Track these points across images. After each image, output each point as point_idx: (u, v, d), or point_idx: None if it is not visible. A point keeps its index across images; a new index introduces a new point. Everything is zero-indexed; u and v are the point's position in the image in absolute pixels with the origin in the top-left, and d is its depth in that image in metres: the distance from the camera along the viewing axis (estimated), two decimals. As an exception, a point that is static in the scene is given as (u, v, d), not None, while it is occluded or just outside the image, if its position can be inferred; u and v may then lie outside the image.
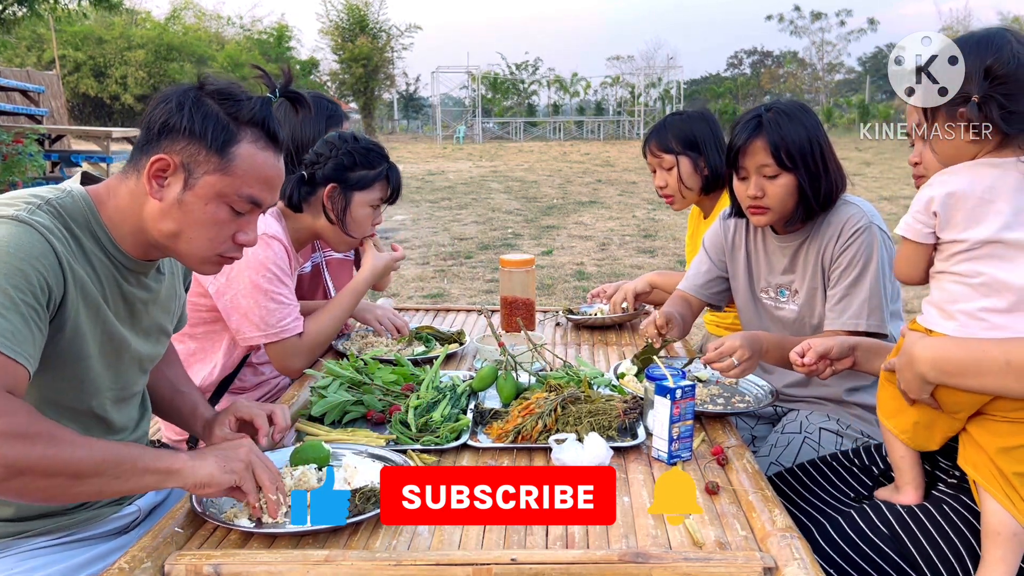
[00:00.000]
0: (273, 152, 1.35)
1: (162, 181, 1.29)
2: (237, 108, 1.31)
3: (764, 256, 2.06)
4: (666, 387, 1.47)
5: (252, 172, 1.31)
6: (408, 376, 1.84)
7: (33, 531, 1.34)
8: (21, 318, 1.13)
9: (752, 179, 1.88)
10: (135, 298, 1.40)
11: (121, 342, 1.37)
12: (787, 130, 1.84)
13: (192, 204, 1.29)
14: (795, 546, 1.16)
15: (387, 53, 39.28)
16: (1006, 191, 1.31)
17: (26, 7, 15.09)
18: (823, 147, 1.87)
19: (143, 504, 1.51)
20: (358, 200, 2.04)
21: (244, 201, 1.32)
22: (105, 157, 10.80)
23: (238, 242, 1.36)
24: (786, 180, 1.85)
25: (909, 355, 1.36)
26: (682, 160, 2.49)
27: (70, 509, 1.38)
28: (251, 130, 1.31)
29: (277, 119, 1.36)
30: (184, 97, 1.29)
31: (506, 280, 2.33)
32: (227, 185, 1.29)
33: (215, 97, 1.31)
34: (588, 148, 27.26)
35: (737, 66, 55.54)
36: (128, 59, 31.79)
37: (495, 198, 12.63)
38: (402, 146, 28.83)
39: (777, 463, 1.92)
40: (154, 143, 1.29)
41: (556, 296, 6.15)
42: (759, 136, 1.84)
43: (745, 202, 1.92)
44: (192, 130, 1.27)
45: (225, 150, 1.28)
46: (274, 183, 1.36)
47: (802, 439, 1.95)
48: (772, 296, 2.06)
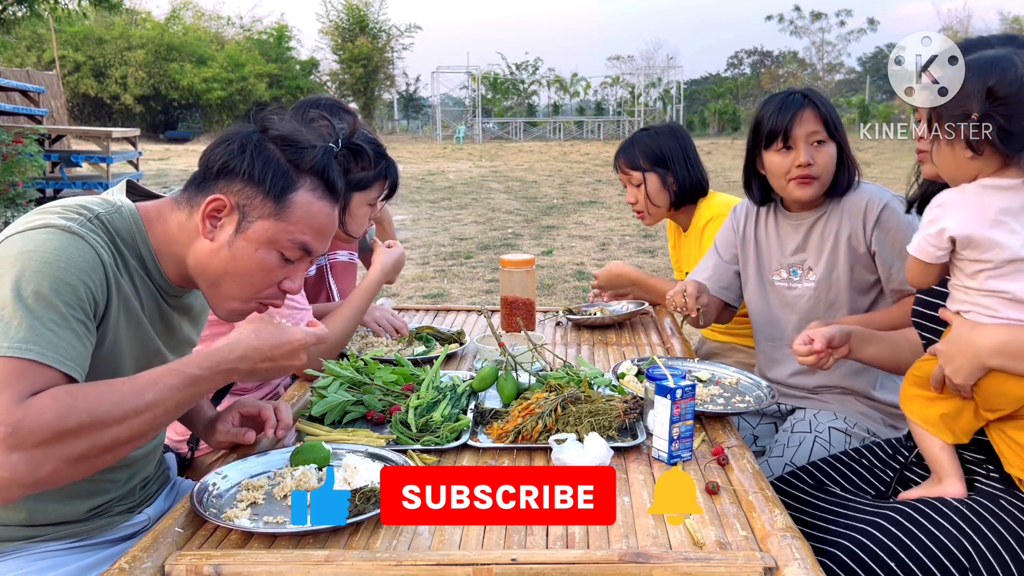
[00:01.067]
0: (330, 202, 1.35)
1: (216, 221, 1.29)
2: (299, 156, 1.30)
3: (776, 238, 2.12)
4: (666, 387, 1.47)
5: (307, 220, 1.31)
6: (408, 376, 1.84)
7: (45, 536, 1.34)
8: (72, 333, 1.14)
9: (802, 147, 1.96)
10: (172, 316, 1.41)
11: (156, 355, 1.38)
12: (827, 102, 2.00)
13: (243, 248, 1.29)
14: (795, 546, 1.15)
15: (387, 53, 39.32)
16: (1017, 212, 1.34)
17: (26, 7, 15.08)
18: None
19: (152, 512, 1.51)
20: (357, 200, 2.04)
21: (296, 248, 1.32)
22: (105, 157, 10.80)
23: (283, 288, 1.36)
24: (831, 149, 1.97)
25: (966, 341, 1.37)
26: (649, 176, 2.54)
27: (84, 518, 1.38)
28: (311, 179, 1.31)
29: (337, 169, 1.36)
30: (247, 140, 1.29)
31: (506, 280, 2.33)
32: (280, 231, 1.29)
33: (278, 143, 1.30)
34: (588, 148, 27.26)
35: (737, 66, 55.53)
36: (128, 59, 31.81)
37: (495, 198, 12.63)
38: (402, 146, 28.84)
39: (792, 464, 1.92)
40: (211, 182, 1.29)
41: (556, 296, 6.15)
42: (808, 106, 1.96)
43: (792, 173, 1.98)
44: (251, 174, 1.27)
45: (283, 197, 1.28)
46: (327, 233, 1.36)
47: (813, 438, 1.96)
48: (784, 277, 2.11)
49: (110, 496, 1.40)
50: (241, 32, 40.48)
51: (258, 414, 1.53)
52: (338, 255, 2.42)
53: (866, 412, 2.02)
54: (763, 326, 2.19)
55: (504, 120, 39.21)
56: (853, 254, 1.99)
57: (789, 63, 50.37)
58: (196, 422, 1.60)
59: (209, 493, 1.32)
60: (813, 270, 2.05)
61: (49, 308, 1.12)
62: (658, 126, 2.63)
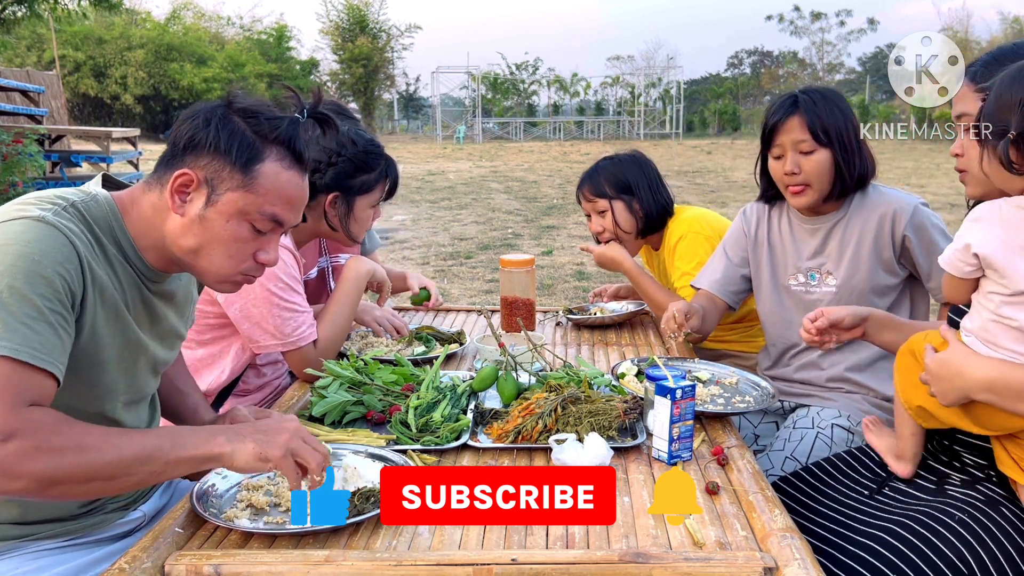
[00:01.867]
0: (298, 172, 1.34)
1: (185, 196, 1.28)
2: (264, 126, 1.30)
3: (791, 242, 2.10)
4: (666, 387, 1.47)
5: (275, 191, 1.30)
6: (408, 376, 1.84)
7: (39, 534, 1.34)
8: (49, 327, 1.14)
9: (788, 156, 1.94)
10: (155, 303, 1.40)
11: (138, 347, 1.37)
12: (822, 108, 1.92)
13: (214, 220, 1.28)
14: (795, 546, 1.16)
15: (387, 53, 39.34)
16: None
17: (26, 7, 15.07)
18: (856, 129, 1.94)
19: (147, 509, 1.51)
20: (360, 204, 2.04)
21: (266, 219, 1.31)
22: (105, 157, 10.79)
23: (259, 261, 1.35)
24: (822, 156, 1.92)
25: (957, 370, 1.31)
26: (615, 204, 2.54)
27: (77, 514, 1.38)
28: (277, 148, 1.31)
29: (304, 139, 1.35)
30: (211, 114, 1.29)
31: (506, 280, 2.33)
32: (249, 203, 1.29)
33: (242, 115, 1.30)
34: (588, 148, 27.25)
35: (737, 66, 55.58)
36: (128, 59, 31.79)
37: (495, 198, 12.63)
38: (402, 146, 28.83)
39: (793, 458, 1.91)
40: (179, 158, 1.29)
41: (556, 296, 6.15)
42: (795, 113, 1.92)
43: (783, 181, 1.97)
44: (217, 146, 1.27)
45: (249, 167, 1.28)
46: (297, 203, 1.35)
47: (815, 435, 1.95)
48: (802, 281, 2.09)
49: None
50: (241, 32, 40.51)
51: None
52: (340, 258, 2.42)
53: (871, 412, 2.02)
54: (778, 330, 2.17)
55: (504, 120, 39.21)
56: (877, 258, 1.97)
57: (789, 63, 50.39)
58: (192, 424, 1.59)
59: (209, 493, 1.32)
60: (833, 274, 2.03)
61: (24, 302, 1.12)
62: (622, 155, 2.62)
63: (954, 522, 1.40)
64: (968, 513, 1.42)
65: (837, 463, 1.73)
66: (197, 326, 1.98)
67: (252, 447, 1.20)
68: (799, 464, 1.87)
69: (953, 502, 1.48)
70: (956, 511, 1.43)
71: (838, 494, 1.62)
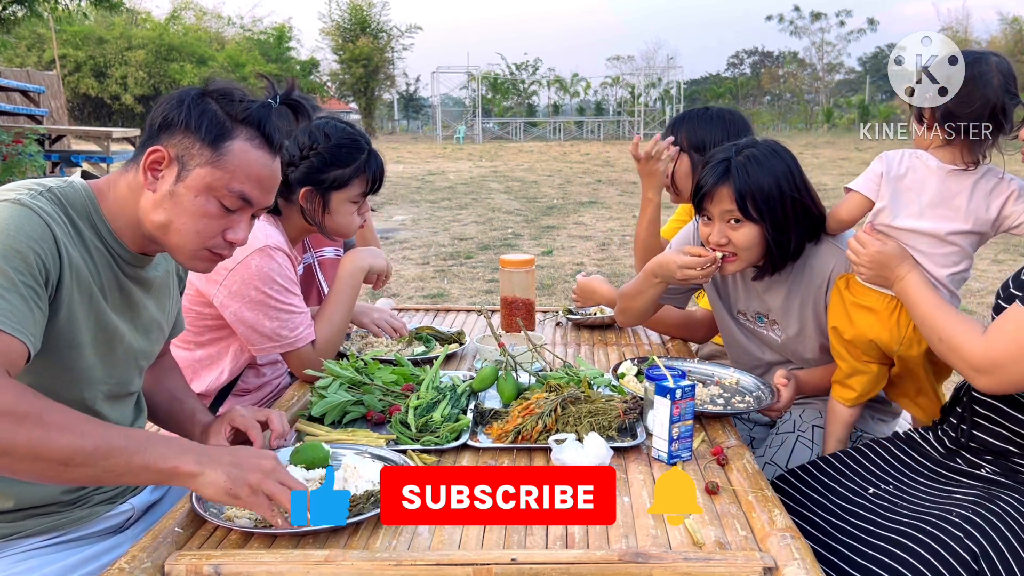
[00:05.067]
0: (268, 152, 1.36)
1: (157, 173, 1.31)
2: (235, 107, 1.33)
3: (741, 281, 2.03)
4: (666, 387, 1.47)
5: (243, 168, 1.32)
6: (408, 376, 1.84)
7: (26, 531, 1.34)
8: (20, 298, 1.15)
9: (716, 225, 1.83)
10: (132, 290, 1.41)
11: (115, 332, 1.37)
12: (755, 177, 1.77)
13: (183, 196, 1.31)
14: (795, 546, 1.16)
15: (387, 53, 39.32)
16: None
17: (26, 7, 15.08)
18: (796, 195, 1.80)
19: (137, 503, 1.51)
20: (336, 199, 2.00)
21: (234, 197, 1.33)
22: (105, 157, 10.79)
23: (228, 239, 1.37)
24: (750, 230, 1.80)
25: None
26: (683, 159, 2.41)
27: (63, 507, 1.38)
28: (247, 129, 1.34)
29: (276, 124, 1.37)
30: (185, 95, 1.33)
31: (506, 280, 2.33)
32: (217, 179, 1.31)
33: (215, 96, 1.34)
34: (588, 148, 27.27)
35: (737, 66, 55.57)
36: (128, 59, 31.78)
37: (495, 198, 12.63)
38: (402, 146, 28.83)
39: (772, 463, 1.93)
40: (153, 138, 1.32)
41: (556, 296, 6.15)
42: (725, 183, 1.78)
43: (709, 247, 1.87)
44: (188, 124, 1.30)
45: (218, 144, 1.31)
46: (266, 183, 1.37)
47: (795, 438, 1.96)
48: (751, 320, 2.06)
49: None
50: (241, 32, 40.51)
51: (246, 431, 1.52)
52: (324, 252, 2.40)
53: None
54: (735, 354, 2.16)
55: (504, 120, 39.23)
56: (820, 320, 1.92)
57: (789, 63, 50.37)
58: (192, 430, 1.58)
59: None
60: (779, 324, 1.98)
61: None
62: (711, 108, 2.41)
63: (959, 519, 1.40)
64: (972, 510, 1.42)
65: (837, 463, 1.73)
66: (195, 327, 1.97)
67: (223, 479, 1.16)
68: (780, 470, 1.88)
69: (956, 500, 1.48)
70: (959, 508, 1.44)
71: (842, 492, 1.63)
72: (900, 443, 1.73)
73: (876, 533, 1.46)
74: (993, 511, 1.41)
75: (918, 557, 1.36)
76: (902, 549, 1.39)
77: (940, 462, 1.63)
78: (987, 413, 1.56)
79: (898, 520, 1.47)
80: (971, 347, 1.47)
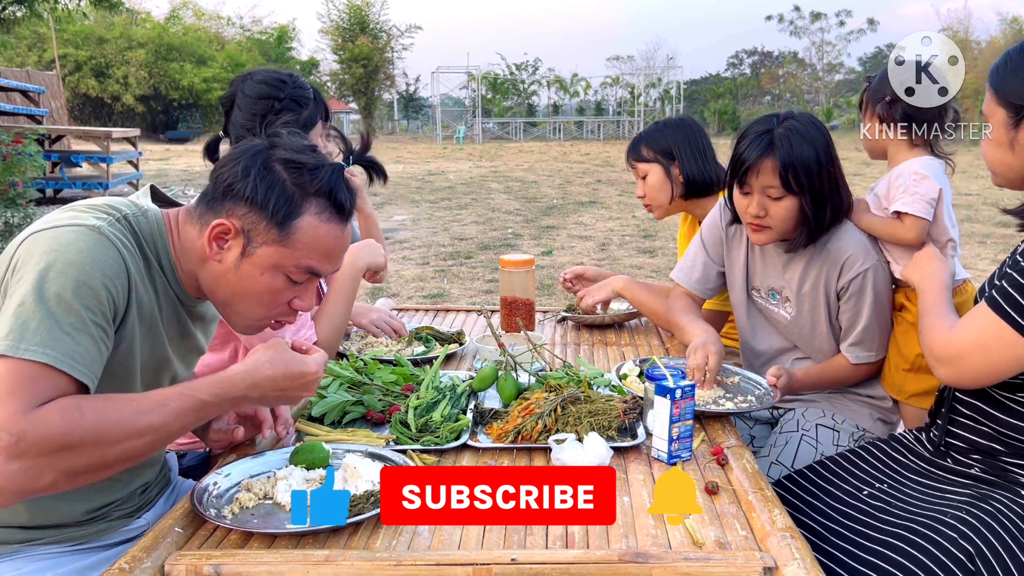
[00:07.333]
0: (337, 223, 1.32)
1: (223, 243, 1.29)
2: (305, 177, 1.29)
3: (761, 256, 2.06)
4: (666, 387, 1.47)
5: (312, 245, 1.29)
6: (408, 376, 1.84)
7: (43, 539, 1.34)
8: (90, 339, 1.14)
9: (755, 197, 1.85)
10: (188, 323, 1.41)
11: (164, 363, 1.38)
12: (799, 149, 1.79)
13: (248, 273, 1.29)
14: (795, 546, 1.16)
15: (387, 53, 39.30)
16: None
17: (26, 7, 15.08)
18: (832, 169, 1.84)
19: (151, 517, 1.51)
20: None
21: (301, 272, 1.31)
22: (105, 157, 10.80)
23: (293, 307, 1.36)
24: (790, 203, 1.83)
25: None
26: (652, 168, 2.45)
27: (82, 521, 1.38)
28: (316, 201, 1.29)
29: (348, 187, 1.34)
30: (252, 162, 1.28)
31: (506, 280, 2.33)
32: (285, 257, 1.28)
33: (284, 164, 1.29)
34: (588, 148, 27.27)
35: (737, 66, 55.62)
36: (128, 59, 31.80)
37: (495, 198, 12.63)
38: (402, 146, 28.84)
39: (778, 463, 1.93)
40: (219, 202, 1.29)
41: (556, 296, 6.15)
42: (769, 155, 1.80)
43: (746, 218, 1.91)
44: (255, 199, 1.26)
45: (286, 223, 1.27)
46: (335, 255, 1.35)
47: (799, 437, 1.96)
48: (763, 296, 2.07)
49: (109, 499, 1.40)
50: (241, 32, 40.50)
51: (255, 414, 1.53)
52: None
53: (854, 408, 2.03)
54: (745, 336, 2.17)
55: (504, 120, 39.23)
56: (828, 299, 1.95)
57: (789, 63, 50.39)
58: None
59: (209, 493, 1.32)
60: (791, 302, 1.99)
61: (69, 312, 1.12)
62: (668, 119, 2.56)
63: (954, 520, 1.40)
64: (966, 511, 1.42)
65: (837, 462, 1.73)
66: None
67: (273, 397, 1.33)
68: (786, 469, 1.88)
69: (950, 500, 1.48)
70: (953, 509, 1.44)
71: (837, 495, 1.63)
72: (895, 444, 1.73)
73: (872, 536, 1.46)
74: (987, 511, 1.41)
75: (914, 559, 1.36)
76: (898, 552, 1.39)
77: (933, 462, 1.64)
78: (968, 412, 1.56)
79: (894, 521, 1.47)
80: (938, 338, 1.52)
